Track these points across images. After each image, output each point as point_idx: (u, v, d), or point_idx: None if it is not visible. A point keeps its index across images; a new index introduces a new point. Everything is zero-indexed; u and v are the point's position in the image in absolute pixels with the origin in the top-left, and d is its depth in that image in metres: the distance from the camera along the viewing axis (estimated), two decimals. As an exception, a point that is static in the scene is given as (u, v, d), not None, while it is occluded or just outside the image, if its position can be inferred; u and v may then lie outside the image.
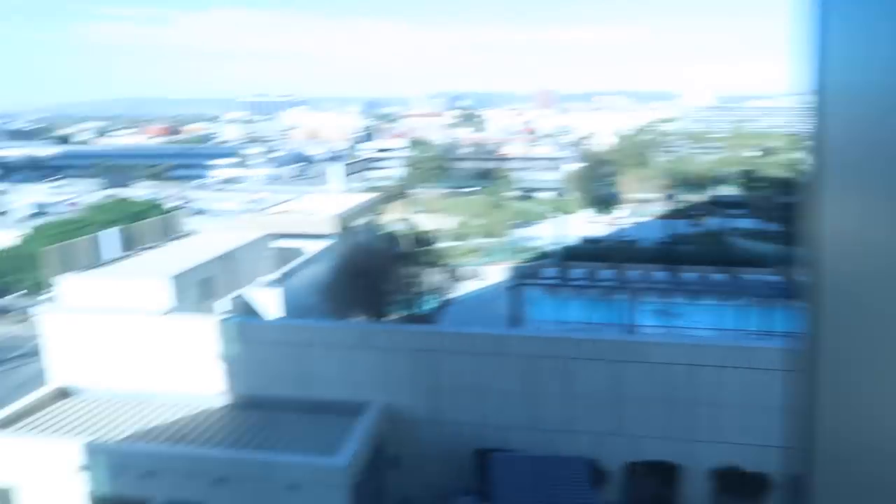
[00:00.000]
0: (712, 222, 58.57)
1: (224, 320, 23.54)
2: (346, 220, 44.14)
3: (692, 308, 36.48)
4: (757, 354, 21.17)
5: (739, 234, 49.16)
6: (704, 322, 32.42)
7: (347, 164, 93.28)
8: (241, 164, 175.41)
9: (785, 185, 57.09)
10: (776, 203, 47.82)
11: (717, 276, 38.26)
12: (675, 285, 32.09)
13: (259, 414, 22.64)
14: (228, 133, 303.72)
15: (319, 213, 43.53)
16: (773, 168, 79.51)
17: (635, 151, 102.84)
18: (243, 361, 23.17)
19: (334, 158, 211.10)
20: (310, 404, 22.85)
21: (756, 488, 21.20)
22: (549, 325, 33.42)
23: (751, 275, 38.18)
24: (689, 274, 38.79)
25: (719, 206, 67.16)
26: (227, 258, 31.41)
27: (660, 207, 68.61)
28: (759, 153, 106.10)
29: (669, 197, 48.79)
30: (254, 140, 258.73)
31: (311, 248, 38.78)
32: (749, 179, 70.45)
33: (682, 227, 54.73)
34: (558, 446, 21.87)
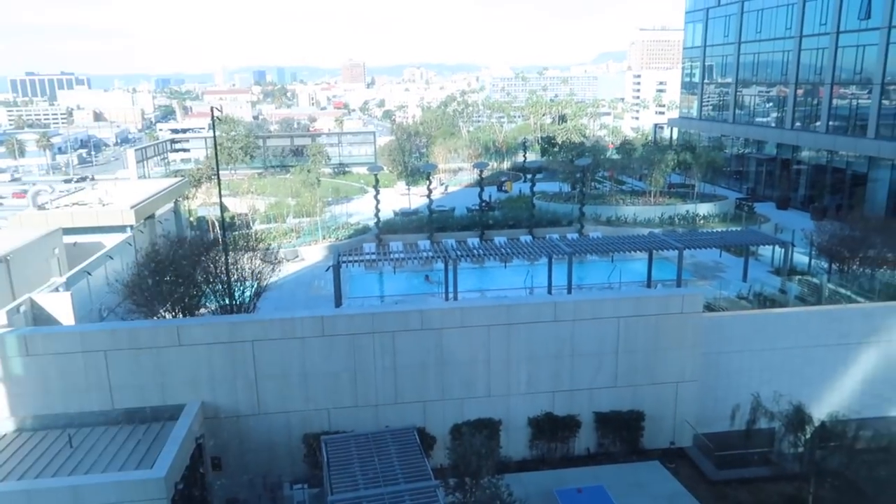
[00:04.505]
0: (517, 187, 62.14)
1: (6, 333, 20.82)
2: (146, 208, 40.81)
3: (505, 270, 38.73)
4: (562, 309, 22.90)
5: (541, 197, 52.57)
6: (516, 282, 34.53)
7: (144, 148, 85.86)
8: (14, 153, 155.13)
9: (577, 149, 61.87)
10: (571, 166, 51.67)
11: (525, 237, 40.88)
12: (487, 250, 33.74)
13: (59, 434, 20.42)
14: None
15: (115, 202, 39.85)
16: (567, 133, 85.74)
17: (443, 122, 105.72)
18: (34, 378, 20.71)
19: (127, 141, 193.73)
20: (118, 415, 21.05)
21: (567, 430, 23.18)
22: (371, 300, 33.71)
23: (553, 234, 41.20)
24: (500, 237, 41.07)
25: (522, 171, 71.39)
26: (6, 261, 27.84)
27: (469, 176, 71.40)
28: (553, 120, 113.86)
29: (477, 165, 51.00)
30: (29, 125, 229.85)
31: (108, 241, 35.47)
32: (547, 145, 75.32)
33: (491, 193, 57.49)
34: (388, 420, 22.25)
